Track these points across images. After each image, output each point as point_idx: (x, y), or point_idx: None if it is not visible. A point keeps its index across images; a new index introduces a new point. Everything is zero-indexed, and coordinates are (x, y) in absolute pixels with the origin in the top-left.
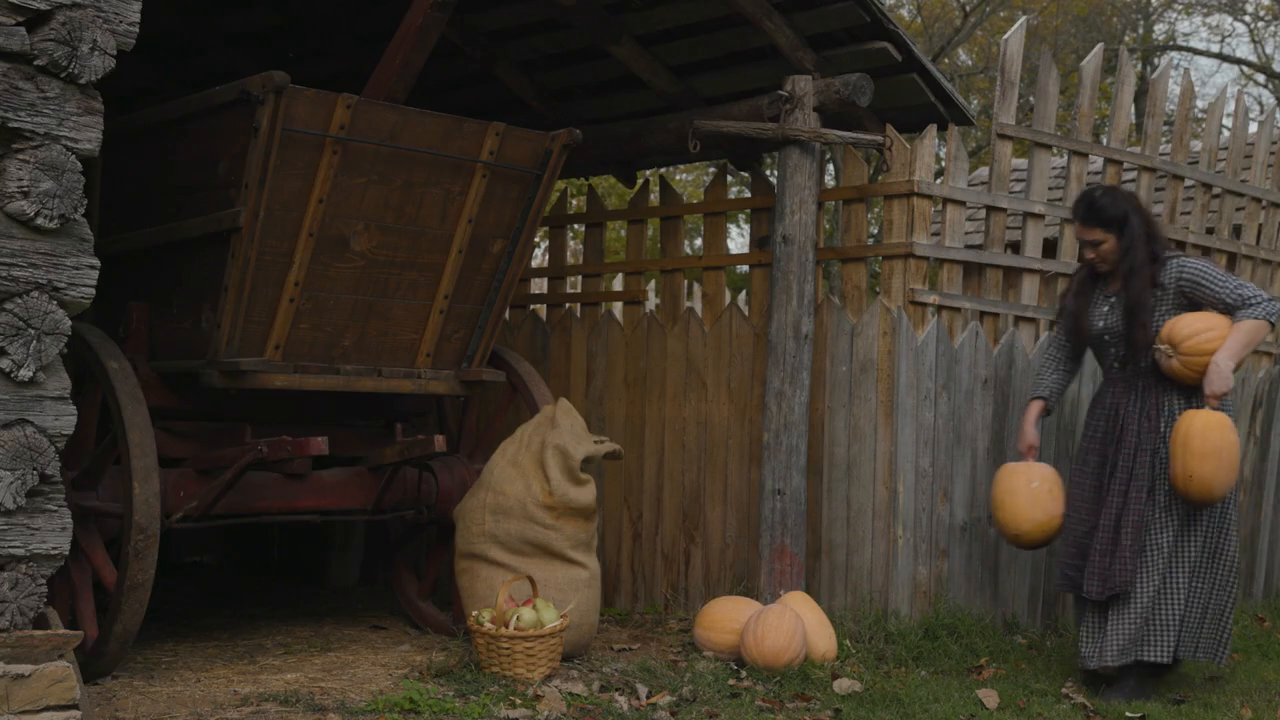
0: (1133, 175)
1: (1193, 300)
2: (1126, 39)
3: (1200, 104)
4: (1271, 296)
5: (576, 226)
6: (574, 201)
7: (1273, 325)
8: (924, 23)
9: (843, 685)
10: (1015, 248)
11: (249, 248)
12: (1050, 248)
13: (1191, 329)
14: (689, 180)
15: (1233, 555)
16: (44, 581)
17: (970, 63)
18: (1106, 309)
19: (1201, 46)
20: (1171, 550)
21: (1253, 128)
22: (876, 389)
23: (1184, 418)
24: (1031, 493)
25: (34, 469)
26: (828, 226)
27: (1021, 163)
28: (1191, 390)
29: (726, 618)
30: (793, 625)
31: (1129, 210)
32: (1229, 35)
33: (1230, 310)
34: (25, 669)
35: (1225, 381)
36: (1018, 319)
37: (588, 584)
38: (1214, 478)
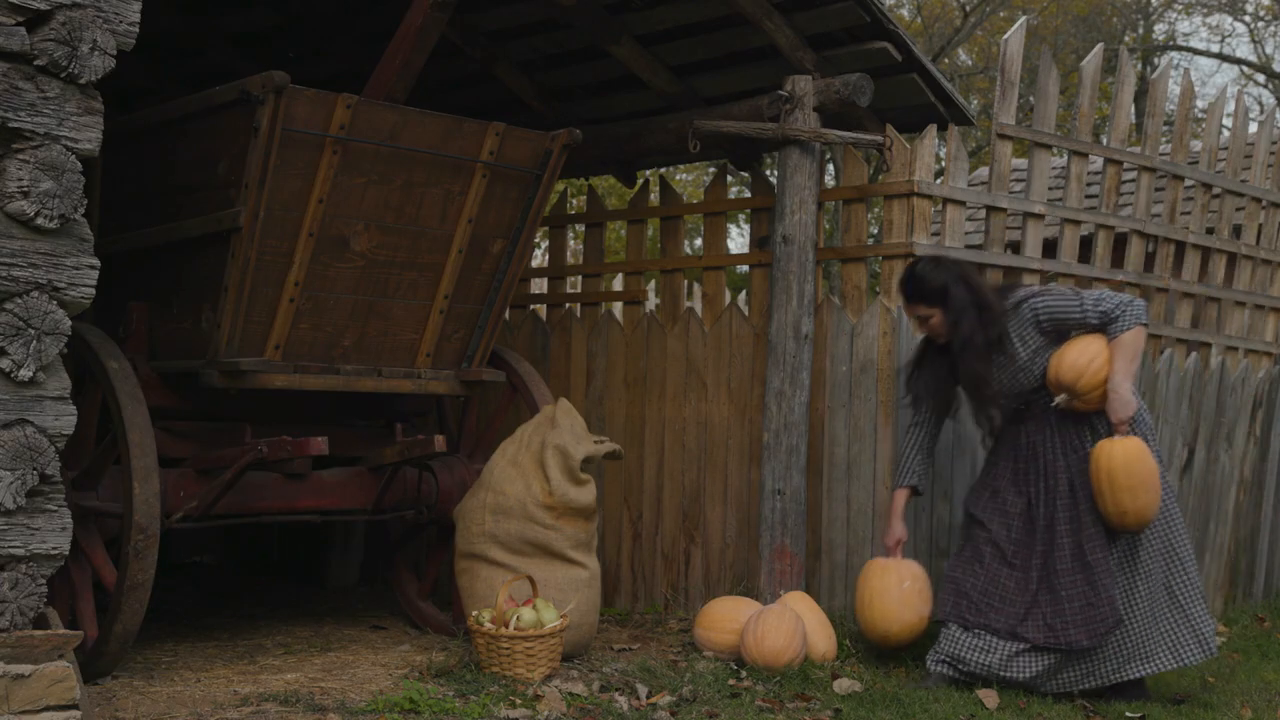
0: (1133, 175)
1: (1061, 333)
2: (1126, 39)
3: (1200, 104)
4: (1130, 299)
5: (576, 226)
6: (574, 201)
7: (1145, 325)
8: (924, 23)
9: (843, 685)
10: (1015, 248)
11: (249, 248)
12: (1050, 248)
13: (1076, 368)
14: (689, 180)
15: (1187, 551)
16: (44, 581)
17: (970, 63)
18: None
19: (1201, 46)
20: (1135, 567)
21: (1253, 128)
22: (876, 389)
23: (1101, 451)
24: (903, 593)
25: (34, 469)
26: (828, 226)
27: (1021, 163)
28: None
29: (726, 618)
30: (793, 625)
31: (949, 282)
32: (1229, 35)
33: (1100, 329)
34: (25, 669)
35: (1128, 405)
36: None
37: (588, 584)
38: (1147, 506)
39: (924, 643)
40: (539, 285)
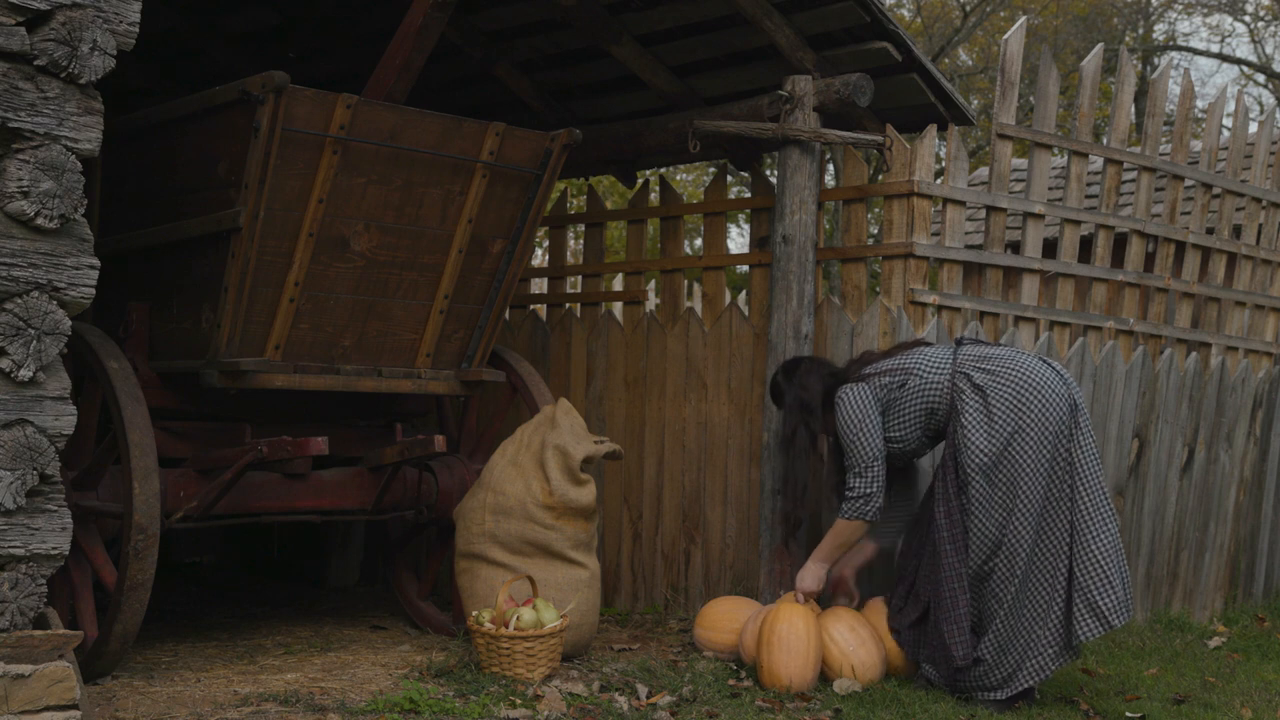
0: (1133, 175)
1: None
2: (1126, 39)
3: (1200, 104)
4: (866, 492)
5: (576, 226)
6: (574, 201)
7: (865, 521)
8: (924, 23)
9: (843, 685)
10: (1015, 248)
11: (249, 248)
12: (1050, 248)
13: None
14: (689, 180)
15: (947, 567)
16: (44, 581)
17: (970, 63)
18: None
19: (1201, 46)
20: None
21: (1253, 128)
22: None
23: (772, 611)
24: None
25: (34, 469)
26: (828, 226)
27: (1021, 163)
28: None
29: (726, 618)
30: None
31: (786, 386)
32: (1229, 35)
33: None
34: (25, 669)
35: (811, 581)
36: (1018, 319)
37: (588, 584)
38: (785, 668)
39: None
40: (539, 285)
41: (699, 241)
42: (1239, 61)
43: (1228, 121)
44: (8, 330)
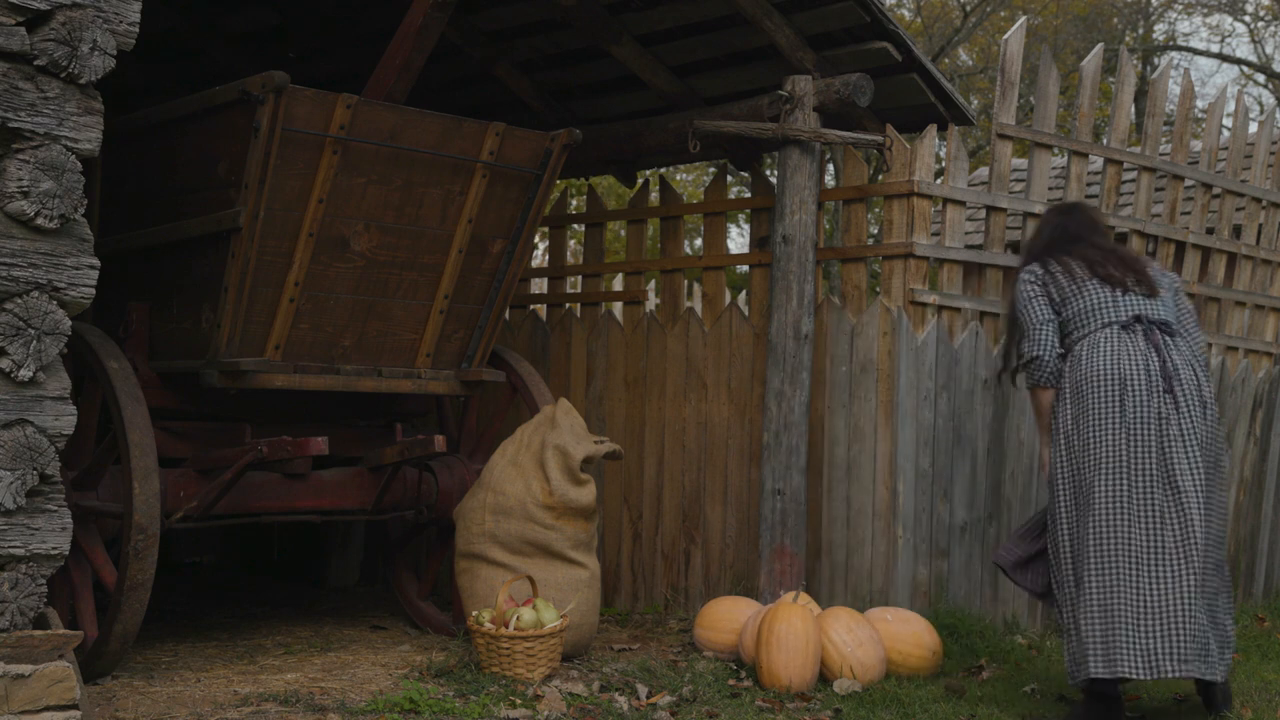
0: (1133, 175)
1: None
2: (1126, 39)
3: (1200, 104)
4: (1035, 354)
5: (576, 226)
6: (574, 201)
7: (1043, 386)
8: (924, 23)
9: (843, 685)
10: (1015, 248)
11: (249, 248)
12: None
13: None
14: (689, 180)
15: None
16: (44, 581)
17: (970, 63)
18: None
19: (1201, 46)
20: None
21: (1253, 128)
22: (876, 389)
23: (771, 611)
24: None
25: (34, 469)
26: (828, 226)
27: (1021, 163)
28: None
29: (726, 618)
30: None
31: (1037, 225)
32: (1229, 35)
33: None
34: (25, 669)
35: (1046, 462)
36: None
37: (588, 584)
38: (785, 668)
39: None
40: (539, 285)
41: (699, 241)
42: (1239, 61)
43: (1228, 121)
44: (8, 330)
